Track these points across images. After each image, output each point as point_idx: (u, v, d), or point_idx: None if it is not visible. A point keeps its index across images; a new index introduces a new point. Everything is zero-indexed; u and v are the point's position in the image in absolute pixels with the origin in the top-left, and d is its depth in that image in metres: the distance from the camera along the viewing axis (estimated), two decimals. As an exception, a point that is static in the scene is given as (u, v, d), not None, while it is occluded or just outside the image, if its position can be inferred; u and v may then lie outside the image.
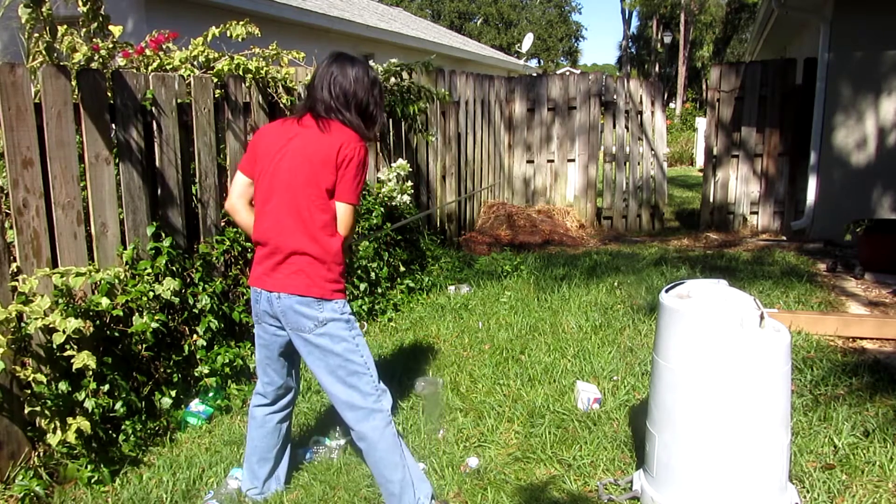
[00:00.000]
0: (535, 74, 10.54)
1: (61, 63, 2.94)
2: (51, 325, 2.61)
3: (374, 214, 4.81)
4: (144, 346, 3.09)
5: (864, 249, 5.69)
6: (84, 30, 3.22)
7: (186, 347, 3.33)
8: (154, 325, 3.05)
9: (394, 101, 5.25)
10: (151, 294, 3.10)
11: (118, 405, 2.87)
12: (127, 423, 2.93)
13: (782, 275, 5.39)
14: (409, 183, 5.22)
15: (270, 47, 4.10)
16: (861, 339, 4.08)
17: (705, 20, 33.62)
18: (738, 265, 5.83)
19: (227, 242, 3.67)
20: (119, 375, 2.90)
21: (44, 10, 2.80)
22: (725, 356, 2.13)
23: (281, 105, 4.14)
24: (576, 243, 7.33)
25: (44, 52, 2.91)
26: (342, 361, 2.31)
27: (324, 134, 2.31)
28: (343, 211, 2.31)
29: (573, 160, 8.22)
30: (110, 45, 3.35)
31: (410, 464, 2.39)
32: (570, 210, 8.20)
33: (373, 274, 4.72)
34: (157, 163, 3.35)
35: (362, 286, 4.57)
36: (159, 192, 3.36)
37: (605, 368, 3.62)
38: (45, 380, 2.64)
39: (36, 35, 3.07)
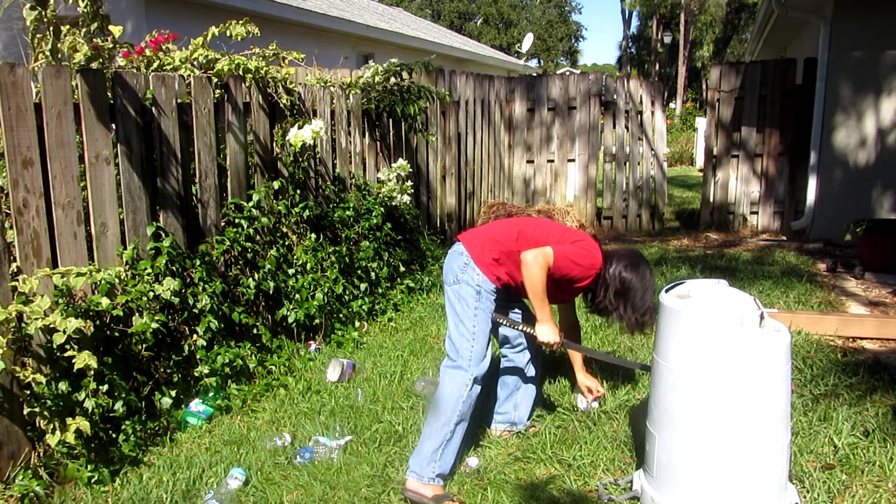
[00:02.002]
0: (535, 74, 10.54)
1: (63, 63, 2.95)
2: (51, 326, 2.61)
3: (374, 214, 4.81)
4: (144, 346, 3.09)
5: (864, 249, 5.69)
6: (84, 30, 3.22)
7: (186, 347, 3.33)
8: (154, 325, 3.05)
9: (394, 100, 5.25)
10: (151, 294, 3.10)
11: (118, 405, 2.87)
12: (127, 423, 2.92)
13: (782, 275, 5.39)
14: (409, 183, 5.22)
15: (270, 47, 4.10)
16: (861, 338, 4.08)
17: (705, 20, 33.62)
18: (738, 265, 5.83)
19: (227, 242, 3.67)
20: (119, 375, 2.90)
21: (48, 11, 2.80)
22: (725, 356, 2.13)
23: (281, 105, 4.14)
24: (576, 243, 7.31)
25: (47, 53, 2.92)
26: (457, 321, 2.67)
27: None
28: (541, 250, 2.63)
29: (573, 160, 8.22)
30: (110, 46, 3.35)
31: (455, 437, 2.61)
32: (570, 210, 8.19)
33: (373, 274, 4.72)
34: (157, 163, 3.35)
35: (362, 286, 4.57)
36: (159, 192, 3.36)
37: (605, 369, 3.62)
38: (44, 380, 2.64)
39: (39, 36, 3.07)
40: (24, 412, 2.67)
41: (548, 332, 2.71)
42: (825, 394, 3.24)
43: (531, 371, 3.00)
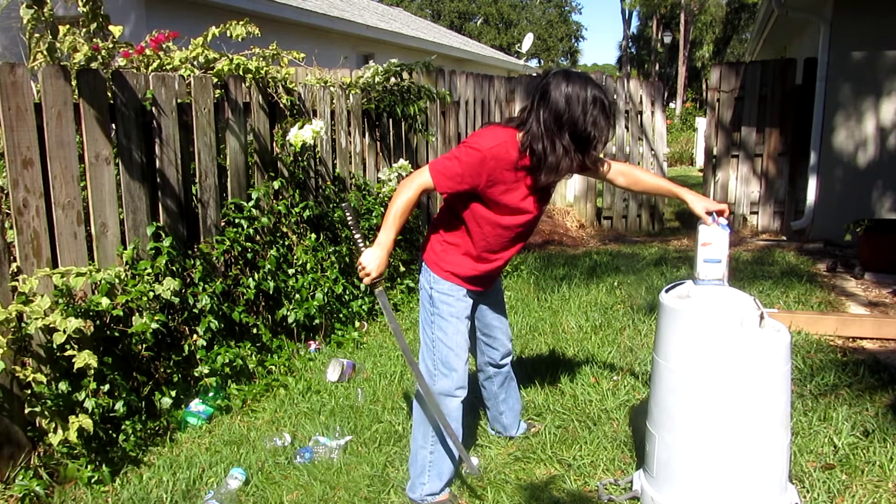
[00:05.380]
0: (535, 74, 10.53)
1: (62, 63, 2.95)
2: (51, 325, 2.61)
3: (374, 214, 4.81)
4: (144, 346, 3.09)
5: (864, 249, 5.68)
6: (84, 30, 3.23)
7: (186, 347, 3.33)
8: (154, 325, 3.05)
9: (394, 101, 5.25)
10: (151, 294, 3.10)
11: (118, 405, 2.87)
12: (127, 423, 2.93)
13: (782, 275, 5.39)
14: (409, 183, 5.22)
15: (270, 47, 4.10)
16: (861, 338, 4.08)
17: (705, 20, 33.59)
18: (739, 265, 5.83)
19: (227, 242, 3.67)
20: (119, 375, 2.90)
21: (45, 10, 2.81)
22: (725, 356, 2.13)
23: (281, 105, 4.14)
24: (576, 243, 7.33)
25: (45, 52, 2.92)
26: (420, 330, 2.54)
27: None
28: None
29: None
30: (110, 45, 3.35)
31: (438, 459, 2.48)
32: (570, 210, 8.20)
33: (373, 274, 4.71)
34: (157, 163, 3.35)
35: (362, 286, 4.57)
36: (159, 192, 3.36)
37: (606, 367, 3.62)
38: (45, 380, 2.64)
39: (37, 35, 3.07)
40: (25, 412, 2.67)
41: (371, 256, 2.24)
42: (825, 394, 3.24)
43: (508, 393, 2.88)
